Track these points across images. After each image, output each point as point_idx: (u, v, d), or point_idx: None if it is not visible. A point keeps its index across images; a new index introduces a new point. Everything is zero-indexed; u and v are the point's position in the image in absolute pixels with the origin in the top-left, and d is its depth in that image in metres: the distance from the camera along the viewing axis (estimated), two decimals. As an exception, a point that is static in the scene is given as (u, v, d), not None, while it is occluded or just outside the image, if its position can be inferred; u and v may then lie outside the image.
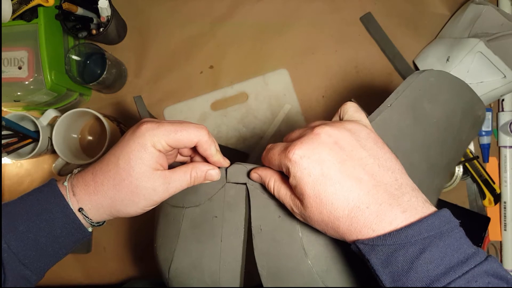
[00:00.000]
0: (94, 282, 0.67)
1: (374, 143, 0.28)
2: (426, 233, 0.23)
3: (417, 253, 0.23)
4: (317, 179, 0.26)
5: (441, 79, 0.36)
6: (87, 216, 0.32)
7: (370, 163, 0.26)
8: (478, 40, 0.52)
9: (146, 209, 0.33)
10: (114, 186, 0.31)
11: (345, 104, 0.32)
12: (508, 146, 0.61)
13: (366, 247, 0.25)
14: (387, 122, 0.33)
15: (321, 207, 0.26)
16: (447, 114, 0.36)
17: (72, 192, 0.32)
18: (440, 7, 0.65)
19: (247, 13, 0.68)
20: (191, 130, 0.31)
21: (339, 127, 0.28)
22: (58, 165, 0.63)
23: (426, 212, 0.25)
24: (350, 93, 0.65)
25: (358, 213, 0.25)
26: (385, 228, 0.24)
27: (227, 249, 0.34)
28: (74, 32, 0.62)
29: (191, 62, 0.68)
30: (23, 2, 0.59)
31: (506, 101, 0.62)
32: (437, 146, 0.35)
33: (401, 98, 0.33)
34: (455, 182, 0.56)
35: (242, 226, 0.34)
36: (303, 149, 0.27)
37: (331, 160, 0.26)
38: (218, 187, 0.35)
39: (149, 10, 0.70)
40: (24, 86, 0.60)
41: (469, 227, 0.60)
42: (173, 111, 0.68)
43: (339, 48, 0.66)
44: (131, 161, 0.30)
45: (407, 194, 0.25)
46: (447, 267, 0.22)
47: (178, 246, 0.36)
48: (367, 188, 0.25)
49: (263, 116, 0.66)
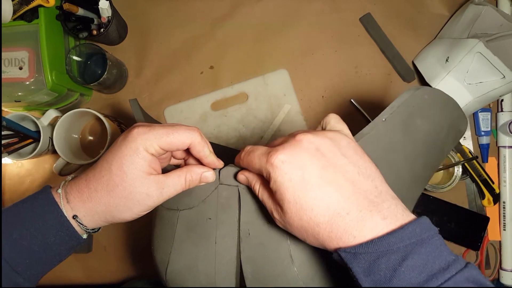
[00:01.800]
0: (95, 281, 0.68)
1: (354, 152, 0.28)
2: (407, 240, 0.23)
3: (400, 261, 0.23)
4: (297, 184, 0.26)
5: (434, 96, 0.37)
6: (82, 223, 0.32)
7: (350, 171, 0.27)
8: (477, 40, 0.52)
9: (141, 214, 0.32)
10: (107, 192, 0.31)
11: (327, 116, 0.33)
12: (507, 146, 0.62)
13: (348, 255, 0.25)
14: (380, 135, 0.34)
15: (301, 213, 0.26)
16: (435, 130, 0.37)
17: (66, 199, 0.32)
18: (439, 7, 0.65)
19: (247, 14, 0.68)
20: (183, 132, 0.31)
21: (321, 135, 0.28)
22: (59, 165, 0.63)
23: (406, 219, 0.25)
24: (349, 93, 0.65)
25: (338, 219, 0.25)
26: (366, 235, 0.24)
27: (222, 251, 0.34)
28: (74, 32, 0.62)
29: (191, 62, 0.69)
30: (23, 3, 0.59)
31: (505, 101, 0.62)
32: (422, 159, 0.36)
33: (395, 113, 0.34)
34: (454, 182, 0.56)
35: (236, 228, 0.34)
36: (285, 154, 0.27)
37: (312, 166, 0.26)
38: (212, 189, 0.35)
39: (149, 10, 0.70)
40: (25, 86, 0.60)
41: (468, 227, 0.60)
42: (174, 111, 0.68)
43: (339, 48, 0.66)
44: (123, 166, 0.30)
45: (387, 201, 0.26)
46: (429, 274, 0.22)
47: (174, 249, 0.36)
48: (347, 195, 0.26)
49: (263, 116, 0.66)
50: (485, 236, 0.61)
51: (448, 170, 0.58)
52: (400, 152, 0.34)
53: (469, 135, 0.63)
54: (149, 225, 0.43)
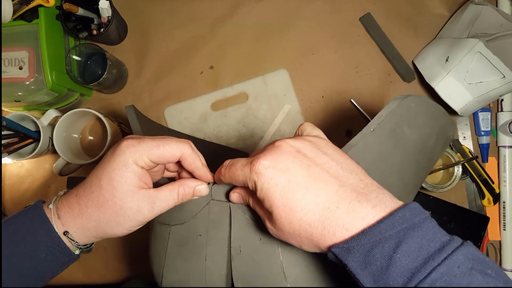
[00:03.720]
0: (95, 281, 0.68)
1: (334, 150, 0.29)
2: (399, 226, 0.23)
3: (394, 247, 0.23)
4: (283, 187, 0.26)
5: (421, 104, 0.37)
6: (73, 239, 0.32)
7: (333, 167, 0.27)
8: (477, 40, 0.52)
9: (132, 229, 0.32)
10: (98, 208, 0.30)
11: (301, 124, 0.33)
12: (507, 146, 0.62)
13: (342, 251, 0.24)
14: (369, 145, 0.34)
15: (291, 216, 0.26)
16: (423, 138, 0.37)
17: (57, 215, 0.31)
18: (439, 7, 0.65)
19: (247, 14, 0.68)
20: (173, 144, 0.31)
21: (299, 138, 0.29)
22: (59, 165, 0.63)
23: (395, 206, 0.25)
24: (349, 93, 0.65)
25: (329, 214, 0.25)
26: (357, 226, 0.24)
27: (212, 268, 0.34)
28: (74, 32, 0.62)
29: (191, 62, 0.69)
30: (23, 3, 0.59)
31: (505, 101, 0.62)
32: (412, 167, 0.36)
33: (383, 123, 0.35)
34: (454, 182, 0.56)
35: (225, 245, 0.34)
36: (267, 159, 0.27)
37: (296, 167, 0.26)
38: (203, 204, 0.34)
39: (149, 10, 0.70)
40: (25, 86, 0.60)
41: (468, 227, 0.60)
42: (174, 111, 0.68)
43: (339, 48, 0.66)
44: (113, 181, 0.30)
45: (374, 191, 0.26)
46: (426, 257, 0.22)
47: (166, 264, 0.36)
48: (335, 189, 0.25)
49: (263, 116, 0.66)
50: (485, 236, 0.61)
51: (448, 170, 0.58)
52: (389, 161, 0.35)
53: (469, 135, 0.63)
54: (149, 225, 0.43)
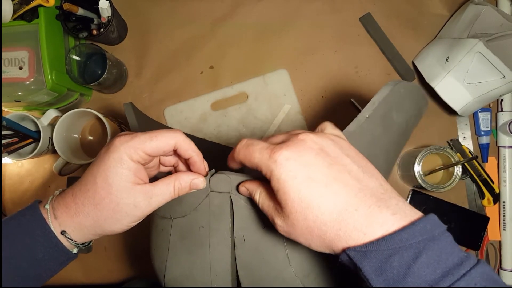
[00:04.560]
0: (95, 281, 0.68)
1: (356, 154, 0.28)
2: (420, 237, 0.23)
3: (413, 257, 0.22)
4: (302, 182, 0.26)
5: (408, 89, 0.38)
6: (71, 238, 0.32)
7: (355, 169, 0.27)
8: (477, 40, 0.52)
9: (131, 225, 0.32)
10: (95, 206, 0.30)
11: (322, 123, 0.32)
12: (507, 146, 0.62)
13: (358, 255, 0.24)
14: (364, 131, 0.34)
15: (307, 212, 0.25)
16: (406, 120, 0.39)
17: (54, 215, 0.31)
18: (439, 7, 0.65)
19: (247, 14, 0.68)
20: (166, 133, 0.31)
21: (323, 136, 0.29)
22: (58, 165, 0.63)
23: (414, 216, 0.24)
24: (349, 93, 0.65)
25: (347, 215, 0.24)
26: (376, 231, 0.24)
27: (217, 259, 0.34)
28: (74, 32, 0.62)
29: (191, 62, 0.69)
30: (23, 3, 0.59)
31: (505, 101, 0.62)
32: (395, 147, 0.38)
33: (377, 109, 0.35)
34: (454, 182, 0.56)
35: (229, 236, 0.34)
36: (290, 151, 0.27)
37: (318, 164, 0.26)
38: (203, 196, 0.34)
39: (149, 10, 0.70)
40: (25, 86, 0.60)
41: (468, 227, 0.60)
42: (174, 111, 0.68)
43: (339, 48, 0.66)
44: (108, 178, 0.30)
45: (394, 198, 0.25)
46: (444, 271, 0.22)
47: (169, 257, 0.36)
48: (354, 192, 0.25)
49: (263, 116, 0.66)
50: (485, 236, 0.61)
51: (448, 170, 0.58)
52: (378, 144, 0.36)
53: (469, 135, 0.63)
54: (149, 225, 0.43)
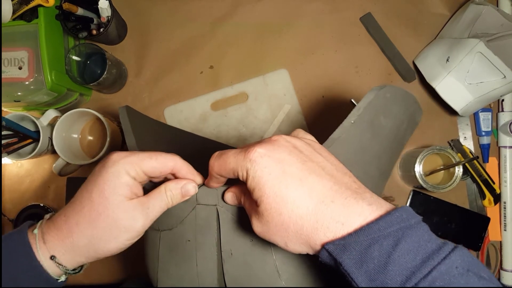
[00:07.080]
0: (94, 281, 0.67)
1: (328, 154, 0.29)
2: (397, 225, 0.23)
3: (393, 245, 0.22)
4: (277, 177, 0.25)
5: (395, 94, 0.38)
6: (60, 263, 0.30)
7: (328, 166, 0.27)
8: (478, 40, 0.52)
9: (128, 242, 0.31)
10: (90, 223, 0.29)
11: (294, 130, 0.33)
12: (508, 146, 0.61)
13: (337, 248, 0.23)
14: (350, 138, 0.34)
15: (282, 207, 0.25)
16: (397, 125, 0.38)
17: (43, 239, 0.30)
18: (440, 7, 0.65)
19: (247, 14, 0.68)
20: (164, 155, 0.31)
21: (296, 138, 0.29)
22: (58, 165, 0.63)
23: (390, 207, 0.25)
24: (349, 93, 0.65)
25: (323, 207, 0.24)
26: (354, 221, 0.24)
27: (203, 273, 0.34)
28: (74, 32, 0.62)
29: (191, 62, 0.69)
30: (23, 2, 0.59)
31: (506, 101, 0.62)
32: (387, 154, 0.37)
33: (362, 114, 0.35)
34: (455, 182, 0.56)
35: (215, 250, 0.33)
36: (264, 148, 0.27)
37: (292, 160, 0.26)
38: (189, 209, 0.34)
39: (149, 10, 0.70)
40: (25, 86, 0.60)
41: (469, 227, 0.60)
42: (173, 111, 0.68)
43: (339, 48, 0.66)
44: (105, 192, 0.29)
45: (368, 193, 0.26)
46: (425, 256, 0.22)
47: (160, 269, 0.36)
48: (329, 185, 0.25)
49: (263, 116, 0.66)
50: (485, 236, 0.60)
51: (449, 170, 0.58)
52: (368, 151, 0.35)
53: (470, 135, 0.63)
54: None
